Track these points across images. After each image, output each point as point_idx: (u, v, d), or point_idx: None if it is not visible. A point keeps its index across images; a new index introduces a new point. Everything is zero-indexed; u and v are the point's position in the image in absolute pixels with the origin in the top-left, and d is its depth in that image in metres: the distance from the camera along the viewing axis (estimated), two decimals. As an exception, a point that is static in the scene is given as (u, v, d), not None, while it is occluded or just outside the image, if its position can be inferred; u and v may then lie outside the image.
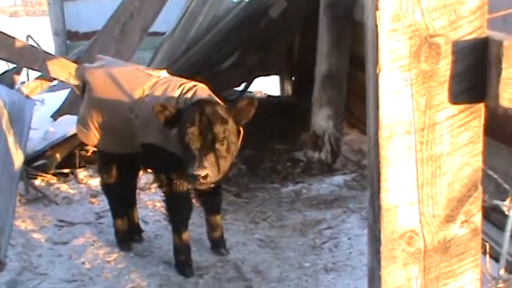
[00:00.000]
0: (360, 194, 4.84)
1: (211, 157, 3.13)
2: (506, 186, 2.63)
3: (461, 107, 1.33)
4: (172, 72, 4.06)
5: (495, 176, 2.68)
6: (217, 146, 3.17)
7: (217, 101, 3.35)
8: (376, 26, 1.27)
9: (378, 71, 1.30)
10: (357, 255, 3.82)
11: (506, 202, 2.33)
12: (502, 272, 2.32)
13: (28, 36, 7.73)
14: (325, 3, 5.51)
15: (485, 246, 2.72)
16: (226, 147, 3.21)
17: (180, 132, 3.24)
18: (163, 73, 3.80)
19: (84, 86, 3.94)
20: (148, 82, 3.65)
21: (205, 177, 3.11)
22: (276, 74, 8.35)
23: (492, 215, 3.24)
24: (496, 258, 2.59)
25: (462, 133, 1.35)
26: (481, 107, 1.34)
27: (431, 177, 1.36)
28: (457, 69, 1.30)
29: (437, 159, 1.35)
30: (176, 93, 3.48)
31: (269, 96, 8.42)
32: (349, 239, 4.06)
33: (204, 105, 3.23)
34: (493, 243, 3.04)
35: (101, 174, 4.04)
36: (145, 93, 3.59)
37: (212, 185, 3.27)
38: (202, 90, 3.50)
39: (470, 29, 1.29)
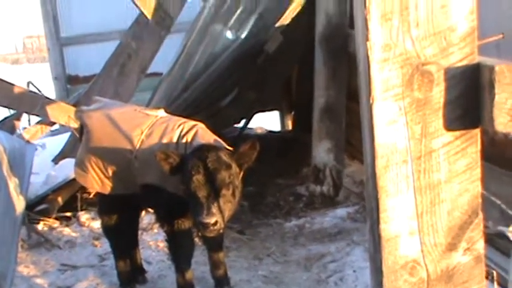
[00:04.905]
0: (363, 226, 4.79)
1: (218, 204, 3.13)
2: (510, 212, 2.61)
3: (457, 133, 1.33)
4: (171, 111, 4.06)
5: (498, 202, 2.66)
6: (223, 192, 3.17)
7: (219, 146, 3.34)
8: (368, 56, 1.28)
9: (371, 101, 1.30)
10: (362, 287, 3.78)
11: (511, 228, 2.31)
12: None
13: (29, 82, 7.80)
14: (320, 36, 5.56)
15: (492, 273, 2.69)
16: (231, 192, 3.21)
17: (185, 180, 3.22)
18: (161, 112, 3.79)
19: (82, 129, 3.94)
20: (147, 122, 3.64)
21: (215, 224, 3.10)
22: (276, 109, 8.37)
23: (498, 242, 3.20)
24: (504, 285, 2.55)
25: (459, 160, 1.34)
26: (476, 132, 1.34)
27: (431, 205, 1.35)
28: (451, 95, 1.30)
29: (435, 187, 1.34)
30: (175, 135, 3.47)
31: (269, 131, 8.42)
32: (354, 271, 4.01)
33: (207, 152, 3.21)
34: (500, 270, 3.00)
35: (101, 216, 4.00)
36: (144, 133, 3.58)
37: (221, 231, 3.26)
38: (203, 131, 3.48)
39: (461, 55, 1.29)
